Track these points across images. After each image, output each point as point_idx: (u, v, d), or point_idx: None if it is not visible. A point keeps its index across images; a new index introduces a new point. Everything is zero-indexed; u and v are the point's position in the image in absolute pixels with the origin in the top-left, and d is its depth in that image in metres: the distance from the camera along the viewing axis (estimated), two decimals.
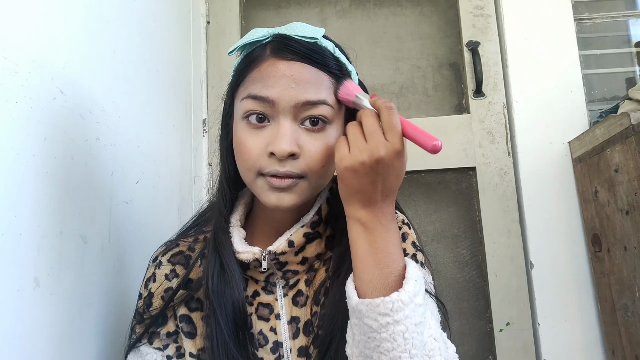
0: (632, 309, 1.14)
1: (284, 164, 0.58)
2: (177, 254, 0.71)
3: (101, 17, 0.83)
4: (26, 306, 0.58)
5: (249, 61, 0.62)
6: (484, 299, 1.43)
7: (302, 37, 0.60)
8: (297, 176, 0.59)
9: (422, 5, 1.64)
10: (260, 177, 0.60)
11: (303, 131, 0.60)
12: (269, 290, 0.67)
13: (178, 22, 1.30)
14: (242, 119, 0.61)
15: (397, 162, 0.54)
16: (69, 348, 0.67)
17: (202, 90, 1.54)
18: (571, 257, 1.38)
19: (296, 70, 0.59)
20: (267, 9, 1.67)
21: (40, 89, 0.63)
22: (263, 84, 0.59)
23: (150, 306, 0.68)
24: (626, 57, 1.60)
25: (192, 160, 1.35)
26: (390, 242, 0.54)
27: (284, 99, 0.58)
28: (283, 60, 0.59)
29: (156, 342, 0.67)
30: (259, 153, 0.59)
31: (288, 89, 0.58)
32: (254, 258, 0.63)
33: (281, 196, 0.59)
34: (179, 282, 0.68)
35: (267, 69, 0.59)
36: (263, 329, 0.65)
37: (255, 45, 0.63)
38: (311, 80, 0.59)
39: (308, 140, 0.59)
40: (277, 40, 0.61)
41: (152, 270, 0.71)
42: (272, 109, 0.59)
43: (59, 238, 0.65)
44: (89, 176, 0.74)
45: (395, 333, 0.50)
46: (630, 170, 1.10)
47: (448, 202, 1.51)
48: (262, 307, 0.66)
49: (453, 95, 1.57)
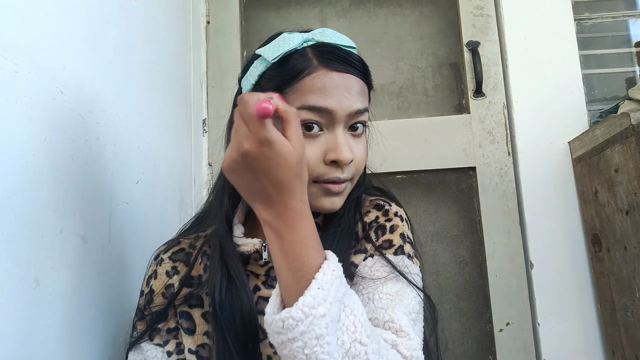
0: (632, 309, 1.14)
1: (343, 170, 0.62)
2: (178, 251, 0.72)
3: (101, 17, 0.83)
4: (26, 306, 0.58)
5: (295, 70, 0.61)
6: (484, 299, 1.43)
7: (344, 46, 0.64)
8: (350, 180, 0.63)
9: (422, 5, 1.64)
10: (314, 184, 0.62)
11: (350, 137, 0.64)
12: (269, 285, 0.67)
13: (178, 22, 1.30)
14: None
15: (269, 152, 0.49)
16: (69, 348, 0.67)
17: (202, 90, 1.54)
18: (571, 257, 1.38)
19: (347, 81, 0.62)
20: (267, 9, 1.67)
21: (40, 89, 0.63)
22: (321, 95, 0.60)
23: (151, 302, 0.69)
24: (626, 57, 1.60)
25: (192, 160, 1.35)
26: (297, 243, 0.51)
27: (340, 108, 0.61)
28: (336, 72, 0.61)
29: (157, 338, 0.68)
30: (316, 161, 0.61)
31: (343, 99, 0.61)
32: (254, 249, 0.65)
33: (334, 200, 0.63)
34: (180, 279, 0.69)
35: (322, 79, 0.61)
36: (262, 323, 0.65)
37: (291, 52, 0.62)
38: (359, 90, 0.63)
39: (355, 145, 0.64)
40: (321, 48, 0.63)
41: (153, 267, 0.72)
42: (329, 119, 0.61)
43: (59, 238, 0.65)
44: (89, 176, 0.74)
45: (294, 350, 0.47)
46: (630, 170, 1.10)
47: (448, 202, 1.51)
48: (262, 300, 0.66)
49: (453, 95, 1.57)
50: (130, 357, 0.68)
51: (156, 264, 0.72)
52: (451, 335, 1.40)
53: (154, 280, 0.70)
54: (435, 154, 1.49)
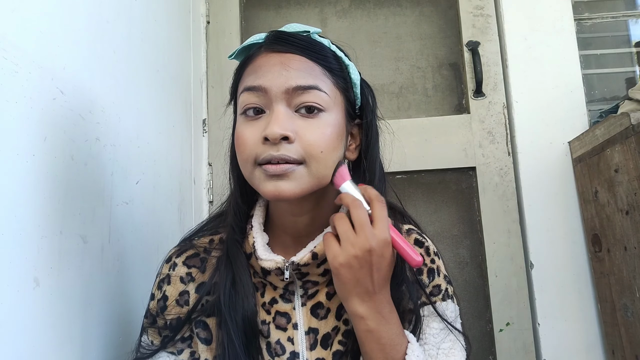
0: (632, 309, 1.14)
1: (278, 148, 0.57)
2: (192, 256, 0.69)
3: (101, 17, 0.83)
4: (26, 306, 0.58)
5: (246, 59, 0.65)
6: (484, 299, 1.43)
7: (296, 31, 0.63)
8: (293, 161, 0.57)
9: (422, 5, 1.64)
10: (257, 168, 0.59)
11: (298, 117, 0.59)
12: (287, 299, 0.66)
13: (178, 22, 1.30)
14: (240, 114, 0.62)
15: (387, 251, 0.56)
16: (69, 348, 0.67)
17: (202, 90, 1.54)
18: (571, 257, 1.38)
19: (286, 58, 0.60)
20: (267, 9, 1.67)
21: (40, 89, 0.63)
22: (256, 75, 0.60)
23: (165, 309, 0.67)
24: (626, 57, 1.60)
25: (192, 160, 1.35)
26: (393, 332, 0.57)
27: (275, 84, 0.59)
28: (275, 52, 0.61)
29: (170, 347, 0.67)
30: (255, 142, 0.59)
31: (279, 77, 0.59)
32: (276, 267, 0.63)
33: (278, 184, 0.58)
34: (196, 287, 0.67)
35: (260, 61, 0.61)
36: (280, 339, 0.64)
37: (253, 48, 0.65)
38: (301, 67, 0.60)
39: (304, 125, 0.59)
40: (272, 35, 0.63)
41: (165, 271, 0.69)
42: (266, 97, 0.59)
43: (59, 238, 0.65)
44: (89, 176, 0.74)
45: None
46: (630, 170, 1.10)
47: (448, 202, 1.51)
48: (279, 316, 0.65)
49: (453, 96, 1.57)
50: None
51: (169, 267, 0.69)
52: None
53: (167, 285, 0.68)
54: (435, 154, 1.49)
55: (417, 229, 0.73)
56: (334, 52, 0.65)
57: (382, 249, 0.55)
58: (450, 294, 0.68)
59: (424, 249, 0.70)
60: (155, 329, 0.67)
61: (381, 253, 0.55)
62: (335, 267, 0.55)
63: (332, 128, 0.60)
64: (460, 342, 0.65)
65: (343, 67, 0.65)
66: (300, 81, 0.59)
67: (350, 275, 0.55)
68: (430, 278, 0.68)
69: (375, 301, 0.56)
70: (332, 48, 0.65)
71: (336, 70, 0.63)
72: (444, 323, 0.65)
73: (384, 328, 0.56)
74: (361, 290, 0.56)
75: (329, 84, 0.61)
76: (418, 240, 0.70)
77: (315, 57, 0.61)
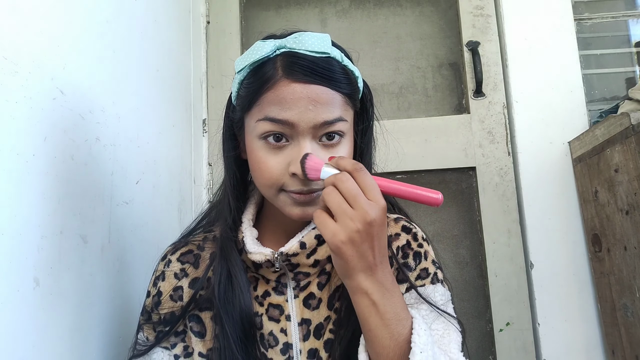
0: (632, 309, 1.14)
1: (306, 183, 0.59)
2: (186, 252, 0.72)
3: (101, 17, 0.83)
4: (26, 306, 0.58)
5: (262, 81, 0.60)
6: (484, 299, 1.43)
7: (313, 52, 0.59)
8: (319, 190, 0.60)
9: (422, 5, 1.64)
10: (282, 193, 0.61)
11: (321, 147, 0.60)
12: (279, 291, 0.67)
13: (178, 22, 1.30)
14: (259, 138, 0.60)
15: (385, 219, 0.54)
16: (69, 348, 0.67)
17: (202, 90, 1.54)
18: (571, 257, 1.38)
19: (312, 91, 0.58)
20: (267, 9, 1.67)
21: (40, 89, 0.63)
22: (281, 107, 0.58)
23: (159, 305, 0.68)
24: (626, 57, 1.60)
25: (192, 160, 1.35)
26: (398, 306, 0.55)
27: (303, 120, 0.58)
28: (299, 83, 0.58)
29: (164, 341, 0.68)
30: (281, 172, 0.59)
31: (306, 111, 0.58)
32: (265, 259, 0.64)
33: (306, 209, 0.60)
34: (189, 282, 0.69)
35: (283, 90, 0.58)
36: (273, 330, 0.65)
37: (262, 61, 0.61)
38: (327, 100, 0.59)
39: (326, 155, 0.60)
40: (288, 58, 0.59)
41: (161, 268, 0.71)
42: (292, 130, 0.59)
43: (59, 238, 0.65)
44: (89, 176, 0.74)
45: None
46: (630, 170, 1.10)
47: (448, 202, 1.50)
48: (272, 307, 0.66)
49: (453, 95, 1.57)
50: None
51: (164, 264, 0.71)
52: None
53: (161, 282, 0.70)
54: (435, 154, 1.49)
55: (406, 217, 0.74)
56: (346, 66, 0.62)
57: (382, 218, 0.52)
58: (440, 278, 0.68)
59: (411, 234, 0.70)
60: (150, 325, 0.69)
61: (382, 221, 0.52)
62: (336, 246, 0.52)
63: (347, 149, 0.63)
64: (454, 325, 0.64)
65: (353, 82, 0.63)
66: (327, 116, 0.59)
67: (353, 252, 0.52)
68: (417, 261, 0.68)
69: (378, 273, 0.54)
70: (344, 62, 0.62)
71: (352, 93, 0.63)
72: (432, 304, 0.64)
73: (389, 302, 0.54)
74: (364, 265, 0.53)
75: (348, 110, 0.62)
76: (405, 227, 0.71)
77: (337, 87, 0.60)
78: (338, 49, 0.63)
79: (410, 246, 0.69)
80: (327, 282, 0.67)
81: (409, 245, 0.69)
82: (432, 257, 0.69)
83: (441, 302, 0.66)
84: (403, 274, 0.67)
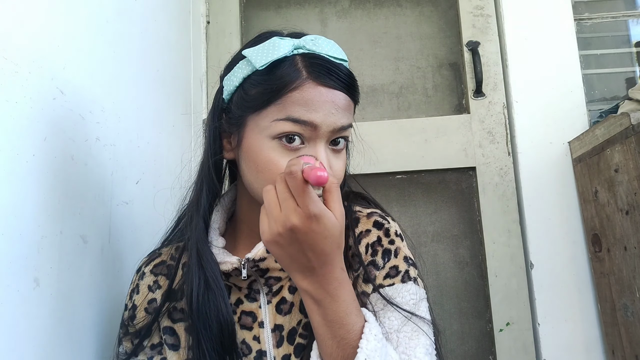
0: (632, 309, 1.14)
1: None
2: (159, 264, 0.71)
3: (101, 17, 0.83)
4: (26, 306, 0.58)
5: (284, 81, 0.59)
6: (484, 299, 1.43)
7: (333, 57, 0.61)
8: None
9: (422, 5, 1.64)
10: None
11: (331, 152, 0.62)
12: (252, 298, 0.66)
13: (178, 22, 1.30)
14: (273, 138, 0.59)
15: (317, 226, 0.51)
16: (69, 348, 0.67)
17: (202, 90, 1.54)
18: (571, 257, 1.38)
19: (335, 96, 0.60)
20: (267, 9, 1.67)
21: (40, 89, 0.63)
22: (307, 109, 0.58)
23: (134, 318, 0.68)
24: (626, 57, 1.60)
25: (192, 160, 1.35)
26: (342, 312, 0.54)
27: (325, 124, 0.59)
28: (325, 87, 0.59)
29: (141, 355, 0.67)
30: None
31: (330, 115, 0.59)
32: (233, 268, 0.63)
33: None
34: (162, 294, 0.67)
35: (310, 92, 0.58)
36: (246, 338, 0.64)
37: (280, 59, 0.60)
38: (345, 106, 0.61)
39: (334, 160, 0.62)
40: (310, 59, 0.60)
41: (135, 281, 0.71)
42: (312, 133, 0.59)
43: (59, 238, 0.65)
44: (89, 176, 0.74)
45: None
46: (630, 170, 1.10)
47: (448, 202, 1.51)
48: (245, 315, 0.65)
49: (453, 96, 1.57)
50: None
51: (138, 277, 0.70)
52: (451, 335, 1.40)
53: (136, 295, 0.69)
54: (435, 154, 1.49)
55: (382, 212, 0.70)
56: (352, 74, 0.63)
57: (306, 225, 0.50)
58: (413, 276, 0.64)
59: (383, 230, 0.67)
60: (128, 337, 0.68)
61: (307, 229, 0.50)
62: (264, 243, 0.53)
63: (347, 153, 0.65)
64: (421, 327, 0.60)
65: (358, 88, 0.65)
66: (344, 121, 0.61)
67: (280, 252, 0.53)
68: (386, 259, 0.65)
69: (318, 276, 0.53)
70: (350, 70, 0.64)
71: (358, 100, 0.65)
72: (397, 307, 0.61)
73: (330, 306, 0.53)
74: (299, 266, 0.53)
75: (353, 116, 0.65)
76: (377, 222, 0.67)
77: (352, 95, 0.62)
78: None
79: (381, 242, 0.66)
80: None
81: (379, 242, 0.66)
82: (404, 254, 0.66)
83: (412, 302, 0.62)
84: (367, 275, 0.64)
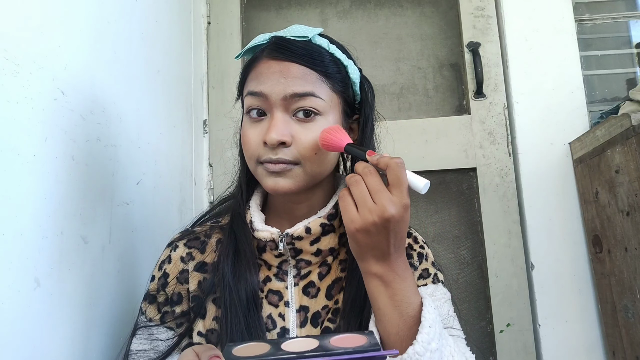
0: (632, 310, 1.14)
1: (276, 152, 0.63)
2: (193, 239, 0.74)
3: (102, 18, 0.83)
4: (26, 306, 0.58)
5: (250, 63, 0.69)
6: (484, 299, 1.43)
7: (295, 37, 0.66)
8: (289, 162, 0.63)
9: (422, 6, 1.64)
10: (259, 165, 0.65)
11: (295, 122, 0.64)
12: (280, 278, 0.69)
13: (179, 23, 1.30)
14: (246, 114, 0.67)
15: (407, 215, 0.56)
16: (70, 348, 0.67)
17: (203, 91, 1.54)
18: (572, 258, 1.37)
19: (285, 67, 0.64)
20: (268, 10, 1.67)
21: (41, 89, 0.63)
22: (258, 81, 0.65)
23: (166, 285, 0.70)
24: (627, 58, 1.60)
25: (193, 160, 1.35)
26: (409, 290, 0.57)
27: (274, 92, 0.63)
28: (275, 60, 0.65)
29: (169, 322, 0.69)
30: (257, 143, 0.65)
31: (277, 84, 0.63)
32: (271, 238, 0.66)
33: (277, 180, 0.64)
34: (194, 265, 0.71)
35: (261, 67, 0.66)
36: (272, 313, 0.67)
37: (257, 50, 0.69)
38: (299, 74, 0.64)
39: (300, 130, 0.64)
40: (274, 42, 0.67)
41: (167, 252, 0.73)
42: (267, 103, 0.64)
43: (60, 238, 0.65)
44: (89, 177, 0.74)
45: None
46: (630, 171, 1.10)
47: (449, 203, 1.50)
48: (271, 293, 0.68)
49: (454, 96, 1.57)
50: (136, 341, 0.68)
51: (170, 249, 0.73)
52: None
53: (167, 264, 0.72)
54: (435, 154, 1.49)
55: None
56: (332, 54, 0.68)
57: (401, 215, 0.55)
58: (440, 279, 0.71)
59: (412, 238, 0.74)
60: (154, 305, 0.70)
61: (400, 218, 0.55)
62: (352, 232, 0.56)
63: None
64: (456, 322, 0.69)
65: (341, 68, 0.68)
66: (296, 88, 0.63)
67: (367, 240, 0.56)
68: (419, 262, 0.72)
69: (391, 262, 0.57)
70: (330, 50, 0.67)
71: (333, 74, 0.67)
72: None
73: (399, 286, 0.57)
74: (377, 253, 0.57)
75: (326, 89, 0.65)
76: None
77: (312, 64, 0.65)
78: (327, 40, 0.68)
79: (413, 247, 0.73)
80: (327, 273, 0.69)
81: (411, 247, 0.73)
82: (432, 259, 0.73)
83: (443, 301, 0.69)
84: None
